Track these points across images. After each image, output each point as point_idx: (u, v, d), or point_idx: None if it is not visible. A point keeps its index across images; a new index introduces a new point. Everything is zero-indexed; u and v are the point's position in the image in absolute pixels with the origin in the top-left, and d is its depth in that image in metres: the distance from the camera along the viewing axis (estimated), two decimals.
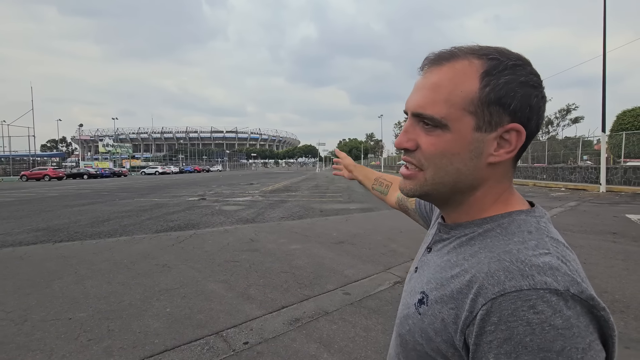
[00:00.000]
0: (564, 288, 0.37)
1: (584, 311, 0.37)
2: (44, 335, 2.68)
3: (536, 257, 0.40)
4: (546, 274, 0.38)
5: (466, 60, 0.46)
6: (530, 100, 0.45)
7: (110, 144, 67.04)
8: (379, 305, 3.18)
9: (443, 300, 0.45)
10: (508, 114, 0.45)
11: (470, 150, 0.46)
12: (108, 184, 24.68)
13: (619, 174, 15.02)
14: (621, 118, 21.40)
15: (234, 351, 2.44)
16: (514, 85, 0.44)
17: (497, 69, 0.45)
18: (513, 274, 0.39)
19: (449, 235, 0.51)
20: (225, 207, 10.46)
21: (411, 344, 0.49)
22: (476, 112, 0.45)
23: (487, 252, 0.44)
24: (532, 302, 0.37)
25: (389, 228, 6.76)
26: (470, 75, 0.45)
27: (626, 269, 4.06)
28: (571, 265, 0.41)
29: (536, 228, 0.45)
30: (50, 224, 7.64)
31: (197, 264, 4.50)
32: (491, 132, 0.46)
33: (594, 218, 7.58)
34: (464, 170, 0.47)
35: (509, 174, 0.50)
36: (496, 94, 0.44)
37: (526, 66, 0.46)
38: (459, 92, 0.45)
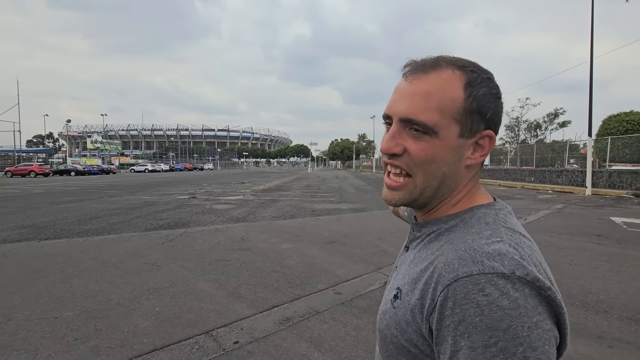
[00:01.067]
0: (510, 271, 0.40)
1: (532, 293, 0.40)
2: (29, 334, 2.63)
3: (488, 245, 0.44)
4: (495, 259, 0.42)
5: (449, 70, 0.50)
6: (499, 110, 0.51)
7: (99, 140, 65.86)
8: (370, 305, 3.20)
9: (413, 292, 0.48)
10: (484, 122, 0.51)
11: (454, 155, 0.51)
12: (96, 181, 24.25)
13: (604, 178, 15.38)
14: (607, 123, 21.93)
15: (224, 350, 2.42)
16: (489, 97, 0.50)
17: (476, 81, 0.50)
18: (465, 260, 0.43)
19: (421, 233, 0.55)
20: (216, 205, 10.38)
21: (389, 338, 0.51)
22: (461, 120, 0.49)
23: (449, 244, 0.48)
24: (480, 285, 0.40)
25: (380, 228, 6.80)
26: (456, 86, 0.49)
27: (610, 270, 4.16)
28: (523, 251, 0.44)
29: (494, 219, 0.49)
30: (35, 221, 7.48)
31: (187, 262, 4.46)
32: (471, 138, 0.51)
33: (579, 220, 7.75)
34: (448, 174, 0.52)
35: (479, 173, 0.56)
36: (477, 104, 0.49)
37: (494, 79, 0.52)
38: (448, 100, 0.49)
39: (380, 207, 10.05)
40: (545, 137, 39.05)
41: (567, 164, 22.96)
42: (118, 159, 62.99)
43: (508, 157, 29.71)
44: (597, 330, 2.71)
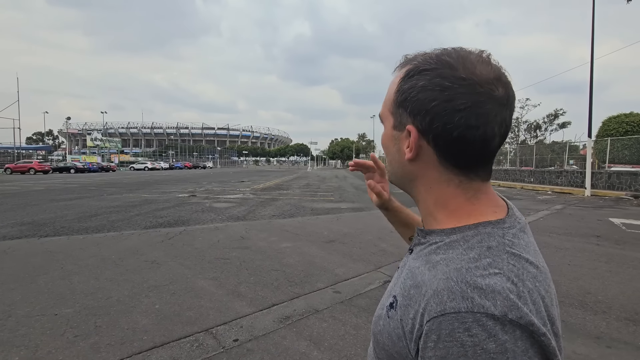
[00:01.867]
0: (501, 313, 0.38)
1: (524, 335, 0.38)
2: (29, 331, 2.63)
3: (482, 278, 0.40)
4: (487, 297, 0.39)
5: (408, 65, 0.50)
6: (426, 105, 0.46)
7: (99, 138, 65.79)
8: (369, 304, 3.21)
9: (406, 308, 0.46)
10: (409, 116, 0.49)
11: (393, 145, 0.53)
12: (96, 179, 24.24)
13: (603, 179, 15.40)
14: (606, 124, 21.94)
15: (223, 348, 2.43)
16: (413, 90, 0.47)
17: (409, 74, 0.49)
18: (455, 294, 0.40)
19: (425, 240, 0.52)
20: (215, 204, 10.38)
21: (381, 344, 0.51)
22: (393, 112, 0.52)
23: (444, 265, 0.44)
24: (467, 325, 0.38)
25: (380, 228, 6.81)
26: (396, 81, 0.51)
27: (609, 271, 4.18)
28: (524, 285, 0.41)
29: (498, 243, 0.44)
30: (35, 218, 7.48)
31: (187, 260, 4.47)
32: (401, 131, 0.51)
33: (578, 221, 7.76)
34: (394, 162, 0.55)
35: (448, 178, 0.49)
36: (401, 97, 0.49)
37: (437, 70, 0.46)
38: (388, 95, 0.53)
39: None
40: (545, 138, 39.08)
41: (567, 165, 22.97)
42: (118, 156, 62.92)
43: (508, 158, 29.73)
44: (596, 331, 2.72)
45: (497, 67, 0.47)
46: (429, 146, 0.48)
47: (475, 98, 0.44)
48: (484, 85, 0.44)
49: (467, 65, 0.45)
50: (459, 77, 0.44)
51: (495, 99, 0.45)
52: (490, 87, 0.45)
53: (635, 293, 3.48)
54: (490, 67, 0.46)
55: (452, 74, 0.45)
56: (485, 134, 0.45)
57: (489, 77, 0.45)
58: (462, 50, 0.47)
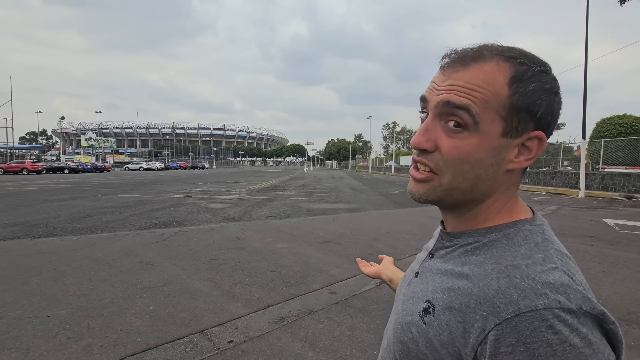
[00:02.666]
0: (577, 306, 0.37)
1: (595, 325, 0.38)
2: (20, 333, 2.60)
3: (545, 274, 0.40)
4: (559, 292, 0.38)
5: (494, 62, 0.44)
6: (553, 108, 0.45)
7: (93, 137, 65.34)
8: (365, 305, 3.20)
9: (451, 312, 0.43)
10: (533, 121, 0.44)
11: (493, 156, 0.45)
12: (90, 179, 24.05)
13: (597, 180, 15.55)
14: (600, 126, 22.15)
15: (218, 350, 2.41)
16: (541, 93, 0.44)
17: (525, 75, 0.44)
18: (526, 292, 0.38)
19: (452, 243, 0.50)
20: (211, 204, 10.34)
21: (414, 352, 0.47)
22: (506, 117, 0.44)
23: (494, 263, 0.43)
24: (549, 322, 0.36)
25: (375, 228, 6.82)
26: (500, 80, 0.44)
27: (602, 272, 4.21)
28: (577, 278, 0.41)
29: (542, 239, 0.45)
30: (28, 219, 7.40)
31: (182, 261, 4.44)
32: (516, 138, 0.45)
33: (572, 222, 7.83)
34: (483, 177, 0.46)
35: (519, 180, 0.49)
36: (525, 101, 0.44)
37: (549, 72, 0.46)
38: (492, 95, 0.44)
39: (375, 208, 10.08)
40: None
41: (561, 166, 23.18)
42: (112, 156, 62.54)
43: None
44: None
45: None
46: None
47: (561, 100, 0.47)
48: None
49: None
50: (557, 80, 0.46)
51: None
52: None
53: (628, 293, 3.52)
54: None
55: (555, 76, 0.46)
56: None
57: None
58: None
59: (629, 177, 14.36)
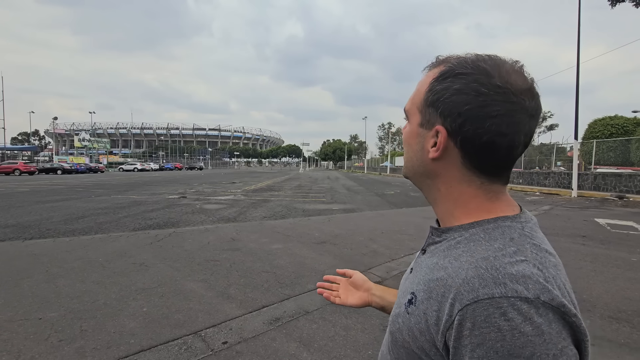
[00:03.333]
0: (534, 296, 0.39)
1: (556, 318, 0.39)
2: (11, 336, 2.57)
3: (511, 265, 0.42)
4: (518, 282, 0.40)
5: (442, 66, 0.51)
6: (460, 107, 0.47)
7: (87, 138, 64.64)
8: None
9: (429, 302, 0.46)
10: (439, 117, 0.49)
11: (417, 143, 0.54)
12: (83, 180, 23.82)
13: (589, 180, 15.73)
14: (592, 126, 22.41)
15: (212, 351, 2.41)
16: (447, 92, 0.48)
17: (443, 75, 0.49)
18: (487, 281, 0.41)
19: (441, 239, 0.53)
20: (206, 205, 10.29)
21: (400, 342, 0.51)
22: (421, 111, 0.52)
23: (468, 256, 0.45)
24: (503, 309, 0.38)
25: (370, 229, 6.83)
26: (428, 80, 0.52)
27: (593, 271, 4.26)
28: (548, 271, 0.42)
29: (520, 234, 0.46)
30: (20, 220, 7.31)
31: (176, 262, 4.42)
32: (429, 130, 0.51)
33: (565, 221, 7.91)
34: (414, 159, 0.55)
35: (470, 179, 0.50)
36: (432, 97, 0.50)
37: (474, 75, 0.46)
38: (418, 93, 0.54)
39: (370, 208, 10.10)
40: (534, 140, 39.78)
41: (554, 167, 23.40)
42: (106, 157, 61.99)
43: None
44: None
45: (529, 78, 0.48)
46: (455, 147, 0.49)
47: (508, 107, 0.45)
48: (517, 95, 0.46)
49: (502, 73, 0.46)
50: (494, 85, 0.46)
51: (526, 110, 0.46)
52: (523, 98, 0.46)
53: (619, 292, 3.56)
54: (524, 78, 0.47)
55: (489, 80, 0.46)
56: (512, 142, 0.47)
57: (522, 88, 0.46)
58: (497, 58, 0.48)
59: (620, 177, 14.55)
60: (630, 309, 3.15)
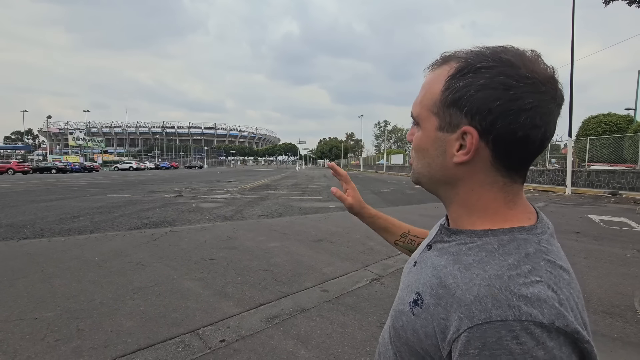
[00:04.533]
0: (549, 321, 0.38)
1: (567, 341, 0.38)
2: (7, 336, 2.55)
3: (526, 287, 0.40)
4: (533, 306, 0.39)
5: (453, 63, 0.48)
6: (490, 103, 0.43)
7: (81, 137, 64.09)
8: (356, 302, 3.23)
9: (436, 309, 0.45)
10: (464, 117, 0.45)
11: (435, 148, 0.50)
12: (78, 179, 23.63)
13: (583, 177, 15.88)
14: (586, 124, 22.63)
15: (210, 349, 2.41)
16: (471, 88, 0.44)
17: (461, 72, 0.46)
18: (500, 302, 0.40)
19: (450, 239, 0.52)
20: (202, 204, 10.26)
21: (404, 339, 0.51)
22: (438, 113, 0.48)
23: (480, 269, 0.44)
24: (516, 332, 0.38)
25: (367, 226, 6.85)
26: (440, 79, 0.48)
27: (587, 266, 4.31)
28: (562, 292, 0.41)
29: (535, 249, 0.44)
30: (14, 220, 7.25)
31: (173, 261, 4.41)
32: (452, 133, 0.47)
33: (559, 218, 7.99)
34: (433, 166, 0.51)
35: (494, 180, 0.48)
36: (453, 96, 0.46)
37: (498, 68, 0.44)
38: (429, 94, 0.50)
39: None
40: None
41: (549, 164, 23.58)
42: (101, 156, 61.48)
43: None
44: None
45: (550, 66, 0.46)
46: (486, 147, 0.46)
47: (540, 97, 0.43)
48: (545, 84, 0.44)
49: (527, 63, 0.44)
50: (523, 76, 0.43)
51: (554, 98, 0.45)
52: (551, 86, 0.44)
53: (612, 287, 3.61)
54: (545, 66, 0.45)
55: (516, 72, 0.43)
56: (546, 133, 0.45)
57: (548, 76, 0.45)
58: (514, 48, 0.46)
59: (613, 174, 14.70)
60: (623, 303, 3.20)
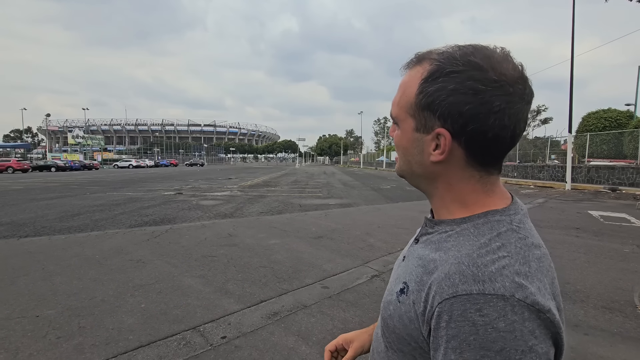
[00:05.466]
0: (510, 294, 0.40)
1: (532, 317, 0.40)
2: (9, 333, 2.56)
3: (492, 262, 0.43)
4: (496, 280, 0.41)
5: (426, 63, 0.49)
6: (460, 107, 0.45)
7: (81, 135, 64.01)
8: (357, 298, 3.24)
9: (418, 293, 0.48)
10: (437, 120, 0.48)
11: (414, 147, 0.52)
12: (78, 177, 23.62)
13: (583, 173, 15.89)
14: (586, 120, 22.59)
15: (211, 346, 2.42)
16: (442, 93, 0.46)
17: (433, 76, 0.48)
18: (467, 277, 0.42)
19: (433, 230, 0.54)
20: (202, 201, 10.26)
21: (392, 328, 0.53)
22: (414, 115, 0.51)
23: (456, 251, 0.47)
24: (479, 305, 0.40)
25: (367, 223, 6.87)
26: (415, 81, 0.50)
27: (587, 262, 4.32)
28: (530, 266, 0.44)
29: (507, 229, 0.47)
30: (14, 219, 7.25)
31: (174, 259, 4.41)
32: (427, 134, 0.50)
33: (559, 214, 8.00)
34: (413, 163, 0.54)
35: (471, 175, 0.50)
36: (426, 100, 0.48)
37: (467, 72, 0.45)
38: (405, 96, 0.52)
39: (367, 203, 10.13)
40: (528, 134, 40.01)
41: (549, 160, 23.58)
42: (101, 154, 61.43)
43: None
44: (574, 319, 2.82)
45: (518, 64, 0.47)
46: (460, 147, 0.48)
47: (508, 99, 0.45)
48: (513, 85, 0.45)
49: (494, 65, 0.45)
50: (491, 79, 0.45)
51: (522, 97, 0.46)
52: (519, 87, 0.46)
53: (612, 282, 3.62)
54: (514, 65, 0.46)
55: (484, 76, 0.45)
56: (515, 131, 0.47)
57: (516, 76, 0.46)
58: (483, 48, 0.47)
59: (613, 170, 14.70)
60: (623, 299, 3.21)
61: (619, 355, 2.32)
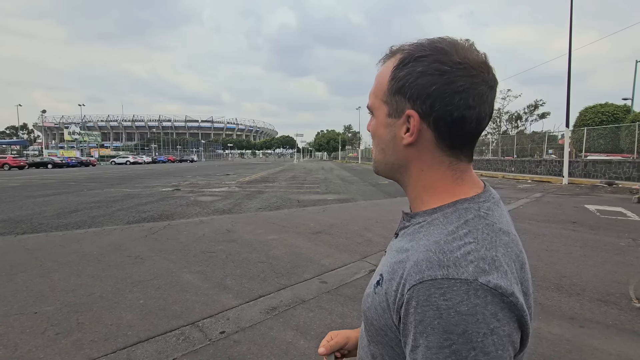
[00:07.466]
0: (473, 278, 0.42)
1: (495, 300, 0.41)
2: (7, 330, 2.56)
3: (458, 248, 0.44)
4: (460, 265, 0.43)
5: (398, 54, 0.52)
6: (427, 89, 0.48)
7: (77, 131, 63.54)
8: (355, 293, 3.26)
9: (390, 282, 0.49)
10: (408, 102, 0.50)
11: (387, 133, 0.54)
12: (75, 174, 23.52)
13: (580, 167, 15.95)
14: (583, 114, 22.64)
15: (210, 341, 2.43)
16: (411, 76, 0.49)
17: (403, 62, 0.51)
18: (432, 263, 0.44)
19: (410, 223, 0.56)
20: (200, 197, 10.25)
21: (370, 319, 0.54)
22: (387, 101, 0.53)
23: (425, 240, 0.48)
24: (443, 290, 0.42)
25: (365, 218, 6.88)
26: (387, 71, 0.53)
27: (583, 255, 4.36)
28: (497, 251, 0.45)
29: (474, 215, 0.49)
30: (11, 215, 7.22)
31: (172, 255, 4.42)
32: (399, 118, 0.52)
33: (556, 208, 8.04)
34: (387, 150, 0.56)
35: (441, 160, 0.52)
36: (397, 85, 0.51)
37: (433, 56, 0.48)
38: (379, 85, 0.54)
39: (365, 198, 10.15)
40: (526, 128, 40.02)
41: (546, 154, 23.66)
42: (98, 150, 61.13)
43: (490, 148, 30.37)
44: (570, 312, 2.85)
45: (482, 53, 0.50)
46: (429, 129, 0.50)
47: (471, 80, 0.48)
48: (476, 68, 0.48)
49: (459, 50, 0.48)
50: (455, 62, 0.48)
51: (485, 81, 0.49)
52: (481, 70, 0.49)
53: (607, 276, 3.66)
54: (477, 53, 0.50)
55: (449, 58, 0.48)
56: (480, 114, 0.49)
57: (479, 61, 0.49)
58: (450, 38, 0.50)
59: (610, 164, 14.76)
60: (618, 291, 3.24)
61: (614, 347, 2.35)
